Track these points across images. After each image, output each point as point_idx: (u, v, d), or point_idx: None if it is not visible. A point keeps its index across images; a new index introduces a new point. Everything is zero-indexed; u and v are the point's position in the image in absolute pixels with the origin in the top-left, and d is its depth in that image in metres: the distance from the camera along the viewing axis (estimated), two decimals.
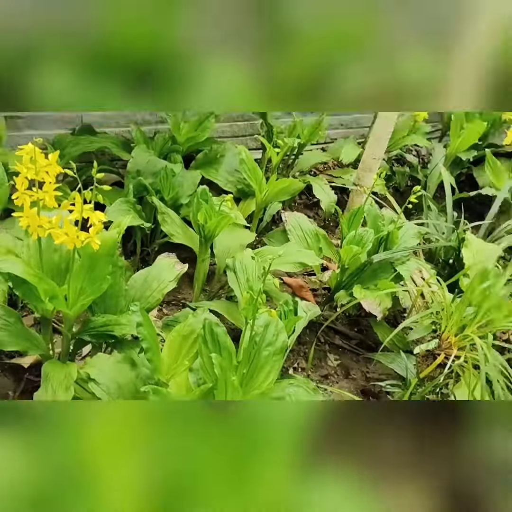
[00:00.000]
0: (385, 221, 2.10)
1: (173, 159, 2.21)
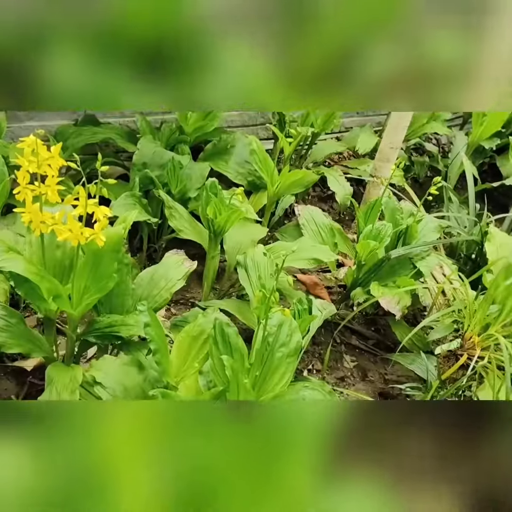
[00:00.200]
0: (403, 214, 2.02)
1: (180, 150, 2.14)
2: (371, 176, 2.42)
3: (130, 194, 1.87)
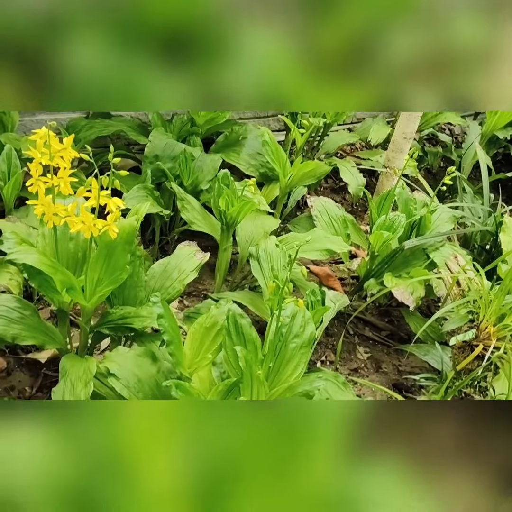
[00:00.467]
0: (417, 205, 2.00)
1: (192, 142, 2.13)
2: (384, 167, 2.39)
3: (142, 186, 1.86)
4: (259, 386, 1.28)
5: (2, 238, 1.34)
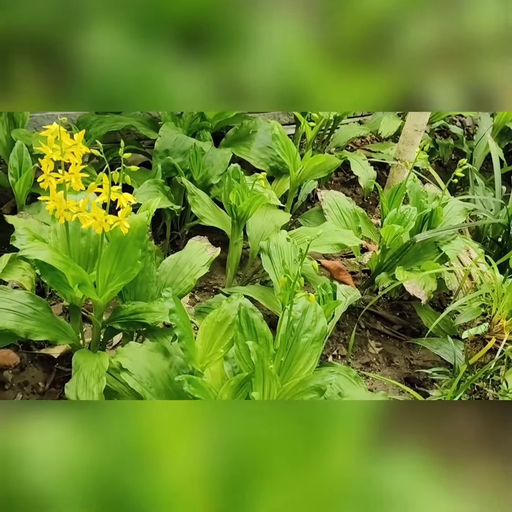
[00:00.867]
0: (428, 198, 1.99)
1: (202, 136, 2.13)
2: (394, 159, 2.38)
3: (153, 181, 1.86)
4: (271, 380, 1.28)
5: (15, 234, 1.35)
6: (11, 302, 1.37)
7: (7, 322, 1.31)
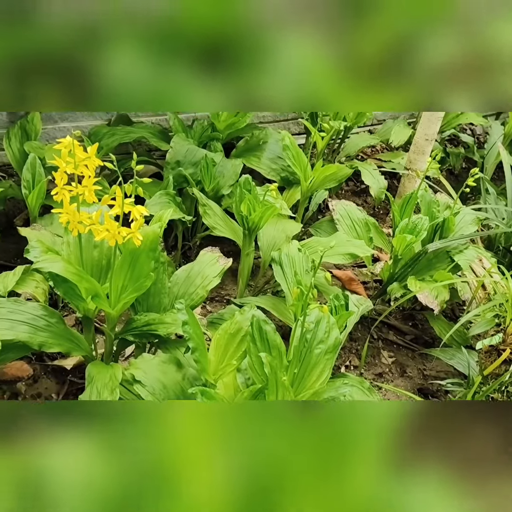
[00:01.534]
0: (440, 207, 1.98)
1: (213, 147, 2.13)
2: (405, 169, 2.37)
3: (165, 193, 1.86)
4: (284, 392, 1.28)
5: (29, 246, 1.35)
6: (25, 314, 1.37)
7: (21, 334, 1.32)
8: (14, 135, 1.98)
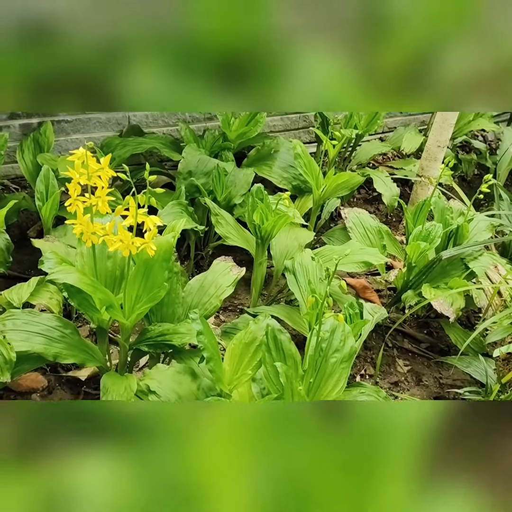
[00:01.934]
0: (453, 214, 1.97)
1: (224, 157, 2.14)
2: (418, 176, 2.36)
3: (177, 203, 1.87)
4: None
5: (43, 258, 1.36)
6: (39, 326, 1.38)
7: (36, 346, 1.32)
8: (27, 147, 1.99)
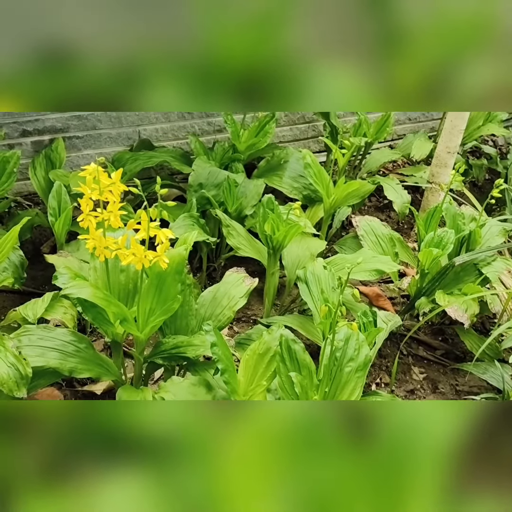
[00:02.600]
0: (465, 220, 1.96)
1: (234, 168, 2.15)
2: (428, 182, 2.35)
3: (188, 215, 1.88)
4: None
5: (57, 273, 1.37)
6: (54, 341, 1.38)
7: (51, 361, 1.33)
8: (39, 164, 2.02)
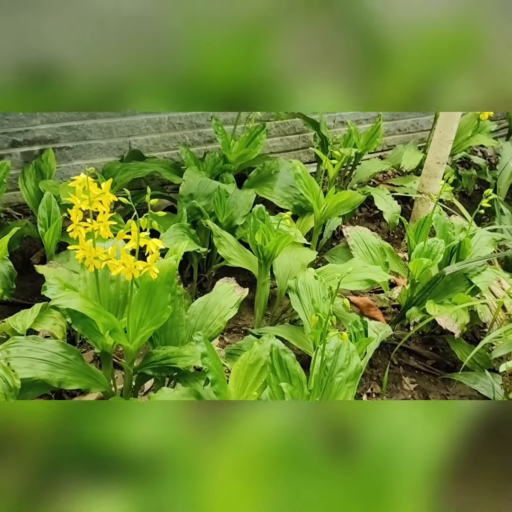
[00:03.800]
0: (455, 230, 1.97)
1: (225, 179, 2.15)
2: (418, 193, 2.37)
3: (179, 226, 1.87)
4: None
5: (46, 284, 1.36)
6: (43, 352, 1.37)
7: (40, 372, 1.32)
8: (29, 174, 2.01)
